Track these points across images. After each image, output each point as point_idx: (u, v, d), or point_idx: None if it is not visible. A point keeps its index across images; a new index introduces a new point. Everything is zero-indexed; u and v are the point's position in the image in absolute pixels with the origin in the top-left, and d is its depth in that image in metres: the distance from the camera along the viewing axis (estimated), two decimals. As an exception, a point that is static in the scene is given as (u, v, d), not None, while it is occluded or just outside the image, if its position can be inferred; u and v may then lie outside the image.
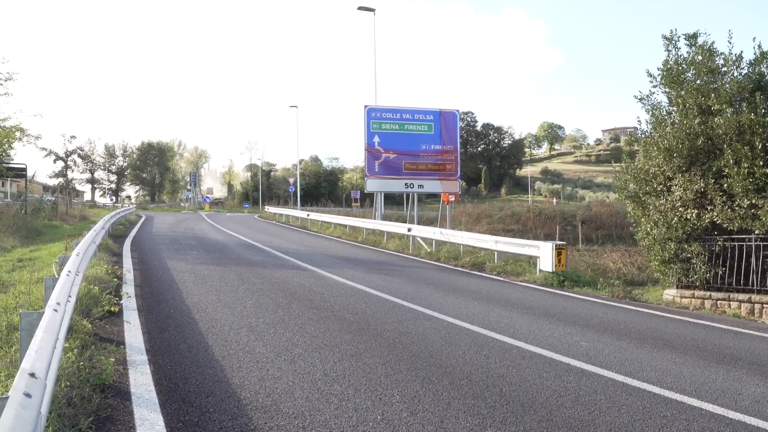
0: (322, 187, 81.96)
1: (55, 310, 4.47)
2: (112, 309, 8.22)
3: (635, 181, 12.74)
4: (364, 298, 10.22)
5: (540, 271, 13.96)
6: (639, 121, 13.28)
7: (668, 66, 12.39)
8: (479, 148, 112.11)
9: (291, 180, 62.19)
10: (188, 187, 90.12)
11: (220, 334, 7.12)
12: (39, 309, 6.15)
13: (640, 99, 12.89)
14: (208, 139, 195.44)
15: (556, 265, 13.47)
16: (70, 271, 6.41)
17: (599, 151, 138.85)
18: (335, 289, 11.11)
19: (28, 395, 2.72)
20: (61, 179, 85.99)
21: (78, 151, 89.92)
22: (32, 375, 2.97)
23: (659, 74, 12.51)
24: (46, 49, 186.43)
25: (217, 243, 20.50)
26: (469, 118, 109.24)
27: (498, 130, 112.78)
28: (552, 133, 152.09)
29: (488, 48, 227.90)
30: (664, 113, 12.57)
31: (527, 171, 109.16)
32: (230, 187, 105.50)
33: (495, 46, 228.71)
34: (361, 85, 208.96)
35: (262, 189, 78.94)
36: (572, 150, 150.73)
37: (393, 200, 59.96)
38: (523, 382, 5.63)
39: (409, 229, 20.96)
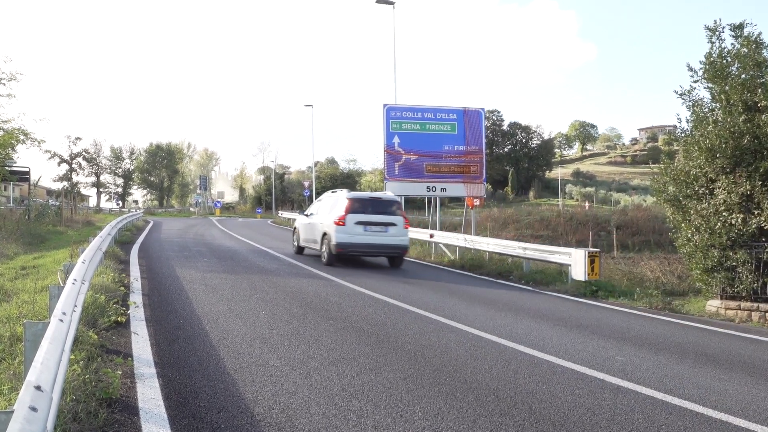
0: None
1: (61, 321, 4.53)
2: (119, 319, 8.31)
3: (675, 184, 12.60)
4: (384, 308, 10.22)
5: (572, 280, 13.85)
6: (679, 118, 13.15)
7: (711, 59, 12.25)
8: (506, 149, 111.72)
9: (306, 183, 62.44)
10: (198, 191, 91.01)
11: (232, 346, 7.17)
12: (44, 319, 6.25)
13: (680, 95, 12.77)
14: (219, 141, 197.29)
15: (589, 274, 13.36)
16: (75, 280, 6.50)
17: (635, 151, 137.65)
18: (353, 298, 11.13)
19: (33, 409, 2.76)
20: (65, 183, 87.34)
21: (83, 153, 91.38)
22: (38, 388, 3.01)
23: (701, 68, 12.38)
24: (50, 48, 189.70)
25: (228, 250, 20.65)
26: (494, 117, 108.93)
27: (526, 129, 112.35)
28: (584, 133, 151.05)
29: (515, 42, 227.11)
30: (707, 110, 12.43)
31: (557, 173, 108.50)
32: (242, 190, 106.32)
33: (522, 39, 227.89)
34: (380, 83, 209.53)
35: (276, 193, 79.41)
36: (606, 150, 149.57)
37: (414, 204, 59.83)
38: (554, 399, 5.58)
39: (432, 235, 20.93)
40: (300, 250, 19.25)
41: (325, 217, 16.97)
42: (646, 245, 34.74)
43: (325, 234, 16.62)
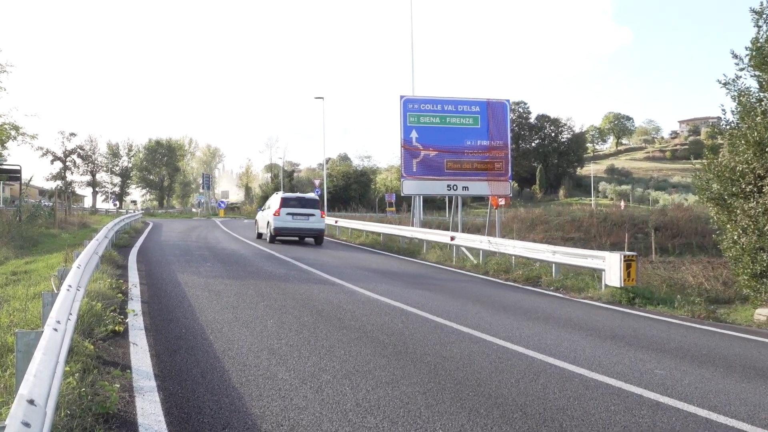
0: (352, 189, 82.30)
1: (55, 330, 4.57)
2: (117, 328, 8.39)
3: (719, 181, 12.48)
4: (401, 316, 10.23)
5: (606, 286, 13.78)
6: (723, 110, 13.02)
7: (758, 45, 12.12)
8: (533, 144, 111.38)
9: (316, 182, 62.57)
10: (200, 191, 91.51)
11: (238, 358, 7.21)
12: (37, 328, 6.31)
13: (725, 84, 12.64)
14: (223, 136, 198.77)
15: (624, 280, 13.28)
16: (70, 286, 6.56)
17: (675, 145, 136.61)
18: (368, 306, 11.15)
19: (26, 425, 2.79)
20: (59, 182, 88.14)
21: (78, 150, 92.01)
22: (31, 402, 3.05)
23: (747, 55, 12.26)
24: (41, 37, 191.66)
25: (233, 253, 20.76)
26: (521, 109, 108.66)
27: (555, 122, 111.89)
28: (619, 126, 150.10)
29: (542, 27, 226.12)
30: (754, 100, 12.30)
31: (590, 169, 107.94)
32: (248, 190, 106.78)
33: (550, 23, 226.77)
34: (396, 73, 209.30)
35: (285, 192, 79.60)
36: (643, 145, 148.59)
37: (434, 204, 59.88)
38: (587, 416, 5.55)
39: (453, 238, 20.91)
40: (259, 235, 27.57)
41: (269, 211, 25.94)
42: (687, 248, 34.41)
43: (268, 222, 25.45)
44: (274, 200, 25.93)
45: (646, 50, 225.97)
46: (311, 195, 27.54)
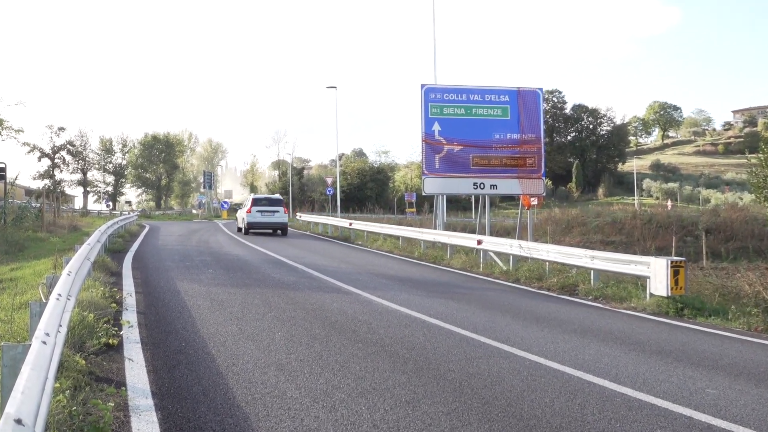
0: (367, 188, 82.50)
1: (44, 343, 4.62)
2: (111, 341, 8.46)
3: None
4: (423, 328, 10.22)
5: (651, 295, 13.69)
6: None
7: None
8: (569, 137, 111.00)
9: (329, 180, 62.88)
10: (201, 190, 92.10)
11: (243, 374, 7.24)
12: (24, 341, 6.38)
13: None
14: (226, 131, 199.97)
15: (672, 288, 13.18)
16: (60, 295, 6.62)
17: (728, 138, 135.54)
18: (386, 317, 11.16)
19: (13, 446, 2.82)
20: (47, 181, 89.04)
21: (67, 146, 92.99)
22: (18, 421, 3.08)
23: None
24: (28, 24, 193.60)
25: (237, 259, 20.86)
26: (555, 99, 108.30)
27: (593, 113, 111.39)
28: (665, 116, 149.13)
29: (578, 6, 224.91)
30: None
31: (632, 165, 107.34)
32: (253, 189, 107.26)
33: (587, 3, 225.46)
34: (417, 61, 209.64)
35: (293, 191, 79.99)
36: (692, 137, 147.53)
37: (458, 204, 59.83)
38: (631, 440, 5.52)
39: (480, 242, 20.86)
40: (239, 229, 36.44)
41: (243, 210, 36.46)
42: (742, 253, 34.08)
43: (243, 218, 35.24)
44: (248, 201, 37.26)
45: (696, 32, 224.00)
46: (276, 196, 39.73)
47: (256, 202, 34.68)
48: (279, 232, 34.82)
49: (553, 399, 6.66)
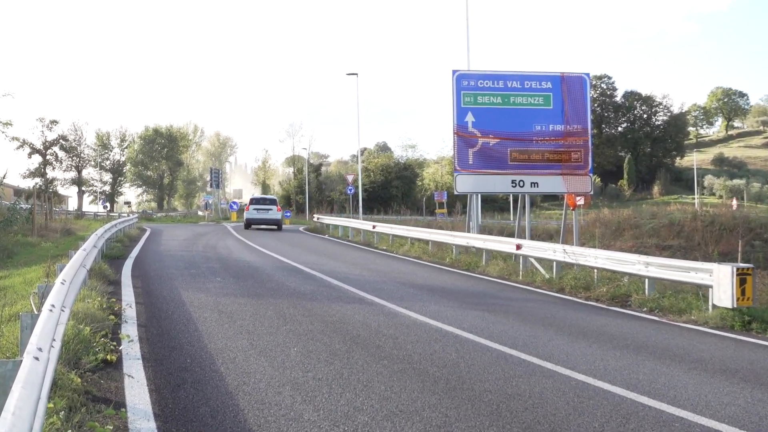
0: (393, 187, 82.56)
1: (36, 359, 4.67)
2: (109, 357, 8.53)
3: None
4: (455, 344, 10.21)
5: (714, 306, 13.57)
6: None
7: None
8: (620, 129, 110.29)
9: (349, 177, 62.87)
10: (208, 189, 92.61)
11: (255, 394, 7.27)
12: (14, 357, 6.46)
13: None
14: (235, 123, 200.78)
15: (738, 299, 13.05)
16: (53, 306, 6.69)
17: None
18: (413, 331, 11.15)
19: (4, 473, 2.86)
20: (38, 180, 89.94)
21: (60, 141, 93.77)
22: (9, 446, 3.12)
23: None
24: (18, 9, 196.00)
25: (248, 266, 20.96)
26: (604, 85, 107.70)
27: (647, 101, 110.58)
28: (730, 104, 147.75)
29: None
30: None
31: (692, 160, 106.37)
32: (265, 187, 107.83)
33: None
34: (447, 45, 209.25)
35: (310, 190, 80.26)
36: (761, 128, 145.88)
37: (495, 205, 59.70)
38: (691, 471, 5.48)
39: (519, 246, 20.79)
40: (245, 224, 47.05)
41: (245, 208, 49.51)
42: (819, 259, 33.68)
43: (244, 215, 47.35)
44: (248, 200, 49.92)
45: (765, 7, 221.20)
46: (271, 196, 55.70)
47: (253, 201, 46.97)
48: (275, 227, 45.51)
49: (603, 424, 6.63)
